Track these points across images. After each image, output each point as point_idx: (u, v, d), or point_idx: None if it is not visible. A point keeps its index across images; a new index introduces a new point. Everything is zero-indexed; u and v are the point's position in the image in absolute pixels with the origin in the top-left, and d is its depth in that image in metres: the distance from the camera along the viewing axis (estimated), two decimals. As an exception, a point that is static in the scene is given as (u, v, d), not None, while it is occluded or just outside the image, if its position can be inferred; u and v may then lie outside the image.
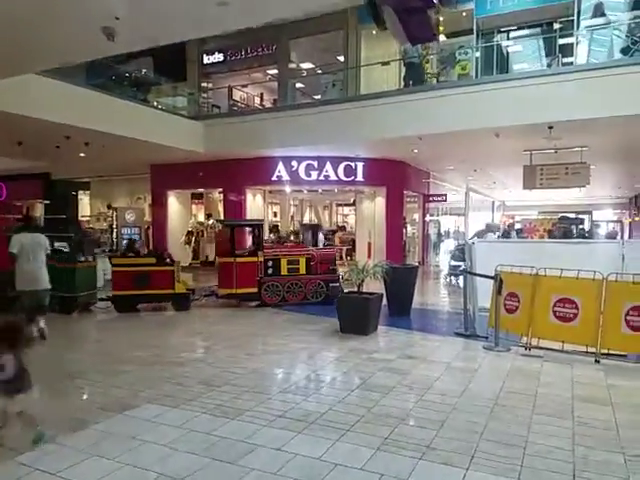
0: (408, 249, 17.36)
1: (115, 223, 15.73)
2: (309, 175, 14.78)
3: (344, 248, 17.45)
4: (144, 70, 16.41)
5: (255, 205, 16.54)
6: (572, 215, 26.25)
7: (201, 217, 19.19)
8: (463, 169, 18.03)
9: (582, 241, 8.86)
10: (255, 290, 8.90)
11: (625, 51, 10.57)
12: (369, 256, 15.03)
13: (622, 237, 19.17)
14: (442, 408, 3.93)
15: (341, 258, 17.05)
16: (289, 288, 9.12)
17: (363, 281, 6.81)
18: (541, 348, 5.56)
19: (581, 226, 15.30)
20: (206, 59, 17.06)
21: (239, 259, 8.96)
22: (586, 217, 30.91)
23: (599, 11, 11.11)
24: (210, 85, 17.72)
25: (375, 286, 7.59)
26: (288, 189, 16.44)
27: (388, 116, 11.47)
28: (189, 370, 5.08)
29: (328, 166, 14.66)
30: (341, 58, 14.86)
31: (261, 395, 4.28)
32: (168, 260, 8.95)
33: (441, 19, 13.29)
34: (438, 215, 23.39)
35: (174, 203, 17.83)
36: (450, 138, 11.80)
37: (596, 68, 9.76)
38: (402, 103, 11.42)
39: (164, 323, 8.08)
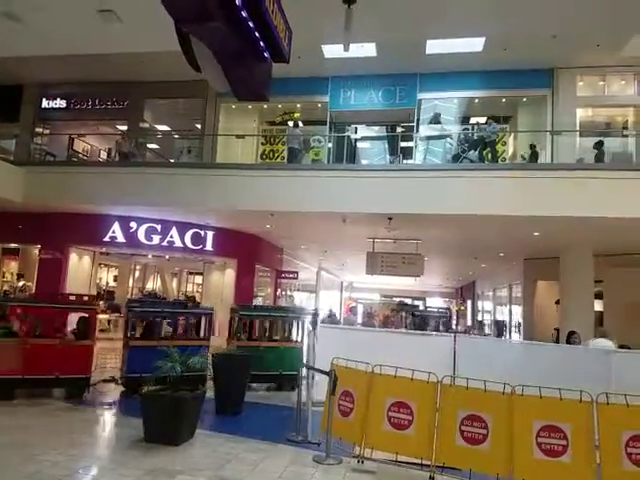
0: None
1: None
2: (150, 239, 13.25)
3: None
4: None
5: (81, 267, 14.19)
6: (409, 301, 28.61)
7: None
8: (315, 249, 18.34)
9: (419, 332, 8.97)
10: None
11: (455, 157, 12.01)
12: (213, 333, 13.65)
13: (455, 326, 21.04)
14: None
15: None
16: None
17: (183, 373, 5.57)
18: (374, 460, 4.92)
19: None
20: (45, 103, 15.14)
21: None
22: (421, 303, 34.12)
23: (435, 119, 12.64)
24: (47, 131, 15.67)
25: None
26: (126, 252, 14.61)
27: (242, 189, 11.02)
28: None
29: (174, 231, 13.41)
30: (199, 125, 14.38)
31: None
32: None
33: (298, 105, 13.90)
34: (291, 291, 23.26)
35: (-26, 259, 14.57)
36: (301, 218, 11.77)
37: (430, 169, 10.77)
38: (256, 178, 11.12)
39: None
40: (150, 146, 15.50)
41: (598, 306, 13.65)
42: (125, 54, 11.40)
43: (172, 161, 14.23)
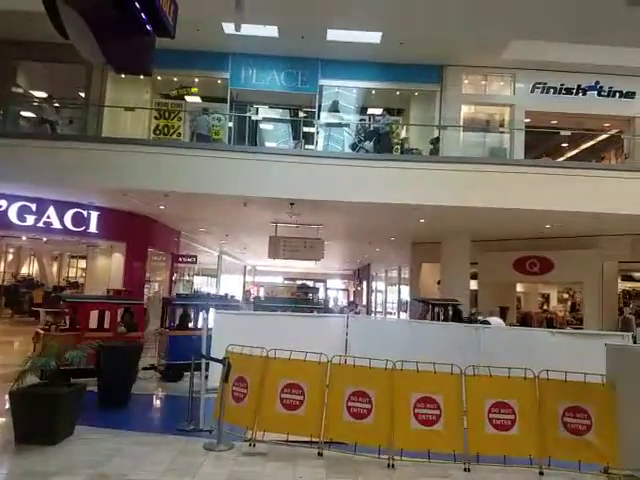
0: (147, 318, 15.50)
1: None
2: (23, 219, 11.73)
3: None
4: None
5: None
6: (310, 283, 29.33)
7: None
8: (215, 232, 17.83)
9: (315, 315, 9.26)
10: None
11: (353, 147, 12.38)
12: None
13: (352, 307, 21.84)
14: None
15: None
16: None
17: (58, 370, 5.10)
18: (266, 442, 5.00)
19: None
20: None
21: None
22: (321, 285, 35.20)
23: (334, 107, 12.85)
24: None
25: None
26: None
27: (132, 166, 10.22)
28: None
29: (51, 211, 12.00)
30: (83, 94, 13.02)
31: None
32: None
33: (196, 80, 13.24)
34: (190, 275, 22.47)
35: None
36: (199, 200, 11.30)
37: (327, 157, 10.95)
38: (148, 155, 10.38)
39: None
40: (25, 114, 13.68)
41: (473, 285, 15.23)
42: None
43: (50, 132, 12.73)
